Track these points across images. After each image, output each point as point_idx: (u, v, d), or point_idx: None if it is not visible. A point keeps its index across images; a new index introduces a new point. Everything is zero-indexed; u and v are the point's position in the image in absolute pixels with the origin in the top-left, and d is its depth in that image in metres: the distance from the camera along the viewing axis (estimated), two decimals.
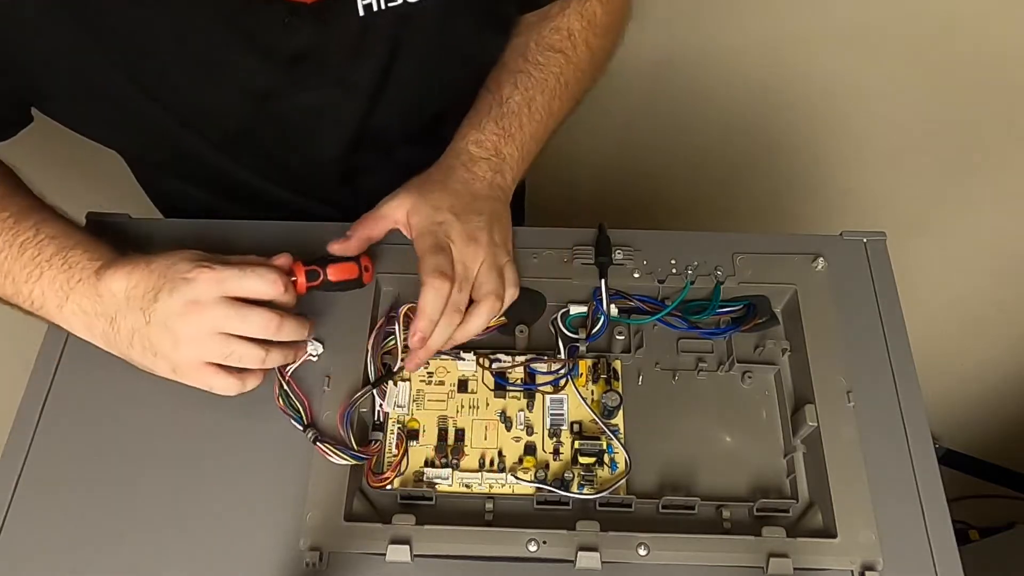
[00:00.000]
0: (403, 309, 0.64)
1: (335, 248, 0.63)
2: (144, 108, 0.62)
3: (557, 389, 0.65)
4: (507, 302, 0.63)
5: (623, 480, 0.60)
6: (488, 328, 0.65)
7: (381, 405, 0.63)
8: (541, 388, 0.64)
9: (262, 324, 0.56)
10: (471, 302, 0.62)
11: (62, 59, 0.58)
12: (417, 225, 0.62)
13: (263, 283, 0.56)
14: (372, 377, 0.63)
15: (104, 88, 0.60)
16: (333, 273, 0.61)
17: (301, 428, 0.60)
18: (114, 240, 0.61)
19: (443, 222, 0.62)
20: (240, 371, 0.58)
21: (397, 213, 0.64)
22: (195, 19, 0.56)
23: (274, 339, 0.57)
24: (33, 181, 0.66)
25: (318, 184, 0.67)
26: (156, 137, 0.66)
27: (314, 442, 0.59)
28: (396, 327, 0.64)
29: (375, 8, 0.59)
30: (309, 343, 0.63)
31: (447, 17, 0.63)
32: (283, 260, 0.60)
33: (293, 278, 0.59)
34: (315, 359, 0.63)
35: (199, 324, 0.55)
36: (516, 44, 0.71)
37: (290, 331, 0.58)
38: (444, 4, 0.62)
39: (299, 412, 0.61)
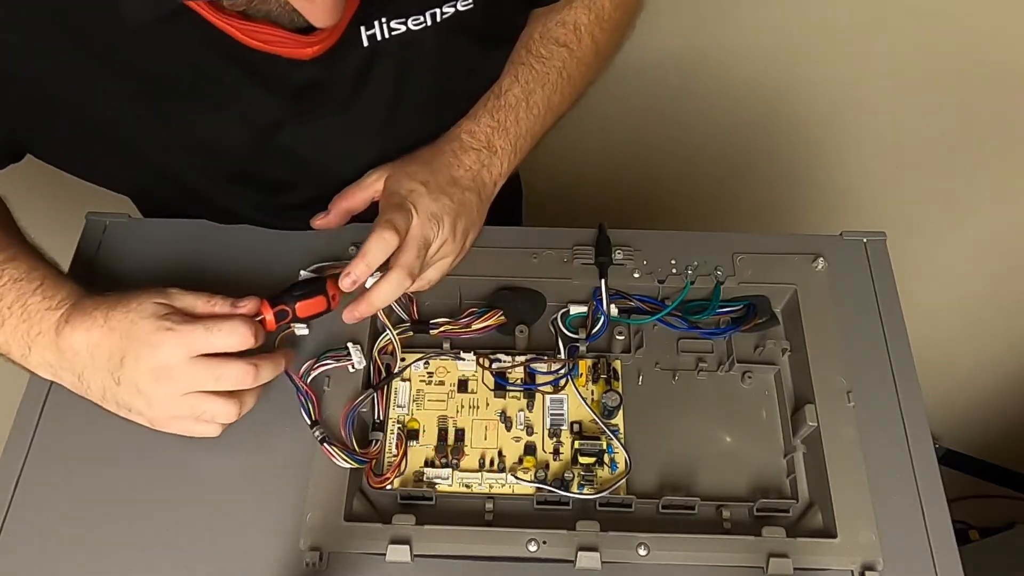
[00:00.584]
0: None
1: (318, 224, 0.64)
2: (151, 146, 0.61)
3: (557, 389, 0.65)
4: (420, 288, 0.64)
5: (623, 480, 0.60)
6: (488, 328, 0.65)
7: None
8: (541, 388, 0.64)
9: (237, 378, 0.55)
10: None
11: (70, 100, 0.57)
12: (387, 187, 0.63)
13: (232, 338, 0.55)
14: (372, 377, 0.63)
15: (112, 128, 0.59)
16: (302, 310, 0.59)
17: (309, 424, 0.60)
18: (105, 255, 0.62)
19: (412, 190, 0.62)
20: (224, 398, 0.57)
21: (376, 183, 0.64)
22: (204, 56, 0.56)
23: (249, 387, 0.57)
24: (33, 182, 0.66)
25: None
26: (162, 175, 0.65)
27: (321, 442, 0.59)
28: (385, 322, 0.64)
29: (379, 38, 0.59)
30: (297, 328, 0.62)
31: (451, 39, 0.62)
32: (250, 306, 0.58)
33: (260, 318, 0.58)
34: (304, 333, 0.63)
35: (170, 387, 0.54)
36: (523, 39, 0.71)
37: (266, 375, 0.57)
38: (447, 27, 0.61)
39: (308, 409, 0.61)
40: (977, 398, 1.48)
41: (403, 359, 0.64)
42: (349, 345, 0.63)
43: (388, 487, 0.60)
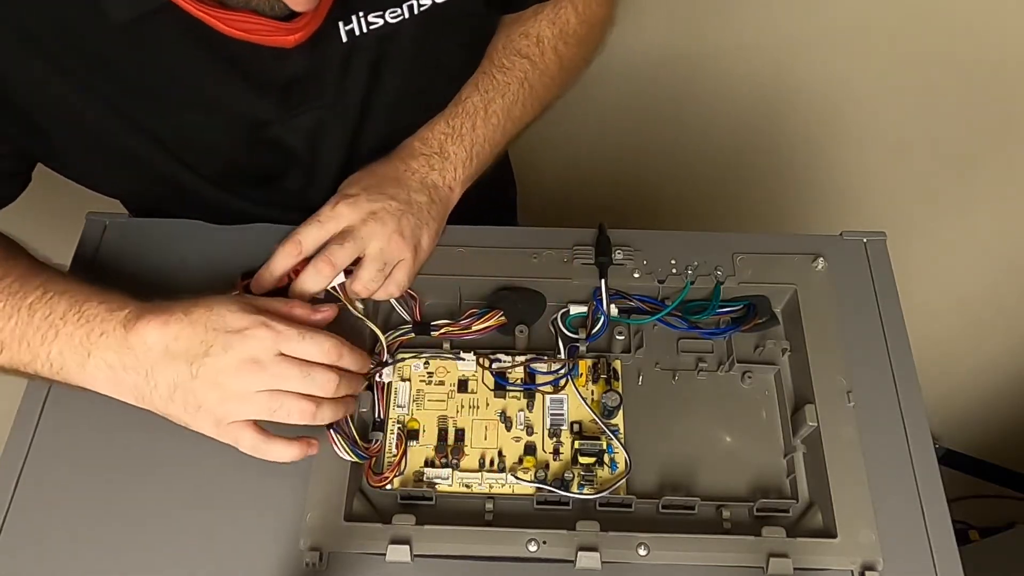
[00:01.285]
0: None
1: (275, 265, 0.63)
2: (142, 149, 0.61)
3: (557, 389, 0.65)
4: (376, 296, 0.64)
5: (623, 480, 0.60)
6: (488, 328, 0.65)
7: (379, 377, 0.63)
8: (541, 388, 0.64)
9: (324, 383, 0.55)
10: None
11: (63, 108, 0.57)
12: (335, 198, 0.64)
13: (320, 351, 0.55)
14: (372, 378, 0.63)
15: (100, 130, 0.59)
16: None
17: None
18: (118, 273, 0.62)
19: (351, 196, 0.63)
20: (271, 436, 0.56)
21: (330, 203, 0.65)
22: (189, 55, 0.56)
23: (329, 396, 0.56)
24: (34, 183, 0.66)
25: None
26: (152, 176, 0.65)
27: (327, 428, 0.58)
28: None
29: (357, 32, 0.59)
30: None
31: (428, 35, 0.63)
32: (328, 313, 0.60)
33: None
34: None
35: (253, 382, 0.53)
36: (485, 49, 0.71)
37: (345, 388, 0.57)
38: (424, 22, 0.61)
39: None
40: (977, 398, 1.48)
41: (399, 359, 0.65)
42: None
43: (388, 487, 0.60)
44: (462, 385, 0.65)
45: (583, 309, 0.66)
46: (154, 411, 0.55)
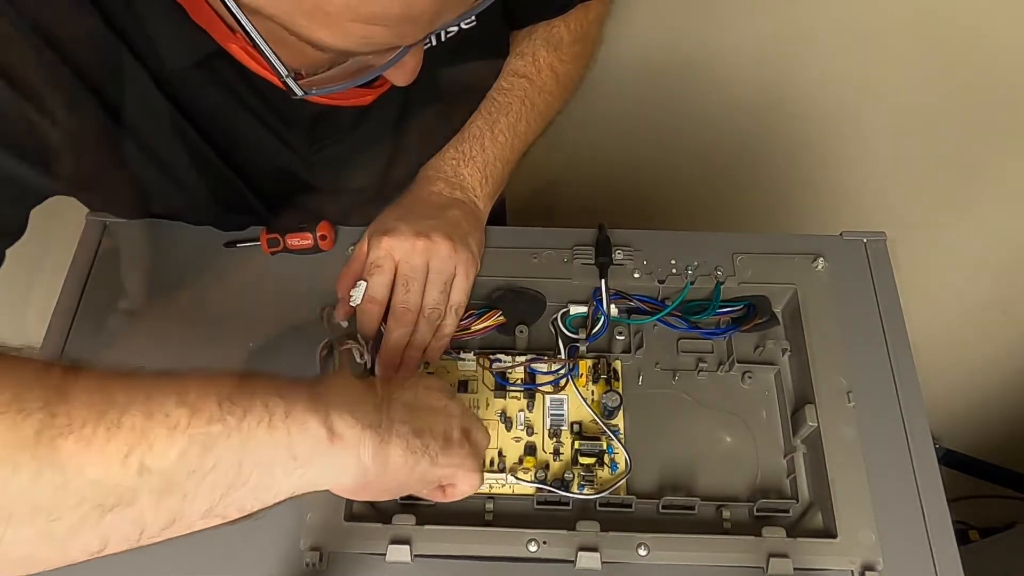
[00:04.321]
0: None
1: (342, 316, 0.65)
2: (161, 181, 0.63)
3: (557, 389, 0.65)
4: (451, 321, 0.64)
5: (623, 480, 0.60)
6: (488, 328, 0.65)
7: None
8: (541, 388, 0.64)
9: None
10: None
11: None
12: (369, 238, 0.64)
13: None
14: (375, 373, 0.63)
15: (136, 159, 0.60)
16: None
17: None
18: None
19: (389, 230, 0.63)
20: None
21: (362, 245, 0.65)
22: (229, 97, 0.58)
23: None
24: None
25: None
26: (169, 205, 0.68)
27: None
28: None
29: None
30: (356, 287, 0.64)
31: (454, 56, 0.64)
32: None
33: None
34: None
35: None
36: None
37: None
38: (451, 44, 0.63)
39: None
40: (977, 398, 1.48)
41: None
42: (350, 342, 0.63)
43: None
44: (462, 385, 0.65)
45: (583, 309, 0.66)
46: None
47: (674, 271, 0.67)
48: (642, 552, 0.56)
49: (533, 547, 0.56)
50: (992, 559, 1.32)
